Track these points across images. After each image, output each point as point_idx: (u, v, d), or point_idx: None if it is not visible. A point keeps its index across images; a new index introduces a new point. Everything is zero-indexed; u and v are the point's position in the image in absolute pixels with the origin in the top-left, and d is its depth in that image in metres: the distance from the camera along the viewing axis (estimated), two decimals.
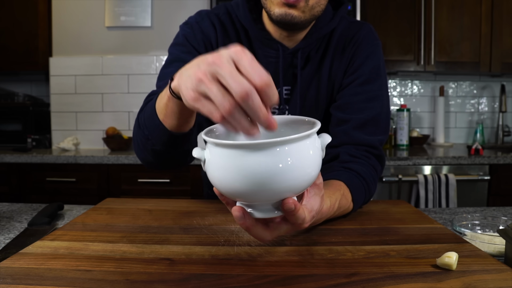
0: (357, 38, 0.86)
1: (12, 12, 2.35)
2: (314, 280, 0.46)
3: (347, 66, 0.86)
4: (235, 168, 0.42)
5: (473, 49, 2.33)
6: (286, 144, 0.41)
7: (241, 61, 0.42)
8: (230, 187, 0.43)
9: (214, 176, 0.45)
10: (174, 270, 0.49)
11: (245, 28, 0.86)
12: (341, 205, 0.68)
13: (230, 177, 0.42)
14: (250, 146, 0.41)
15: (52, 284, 0.44)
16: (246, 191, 0.43)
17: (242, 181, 0.42)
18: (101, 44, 2.51)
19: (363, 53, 0.85)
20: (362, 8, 2.21)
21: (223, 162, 0.43)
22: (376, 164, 0.82)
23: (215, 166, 0.44)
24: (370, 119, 0.82)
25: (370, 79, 0.84)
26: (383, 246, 0.58)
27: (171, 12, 2.48)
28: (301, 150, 0.43)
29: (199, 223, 0.70)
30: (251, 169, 0.41)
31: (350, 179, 0.74)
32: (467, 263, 0.51)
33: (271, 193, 0.44)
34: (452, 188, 1.95)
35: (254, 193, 0.43)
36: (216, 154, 0.43)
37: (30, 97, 2.57)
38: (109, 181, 2.09)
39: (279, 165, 0.41)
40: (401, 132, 2.46)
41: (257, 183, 0.42)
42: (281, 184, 0.43)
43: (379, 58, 0.86)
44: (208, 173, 0.46)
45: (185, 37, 0.86)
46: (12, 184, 2.10)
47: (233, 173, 0.42)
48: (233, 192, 0.44)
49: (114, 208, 0.81)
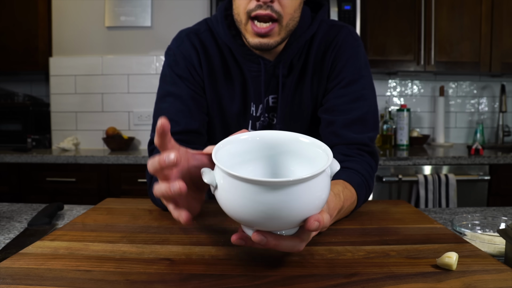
0: (336, 42, 0.87)
1: (12, 12, 2.35)
2: (314, 280, 0.46)
3: (329, 70, 0.87)
4: (249, 202, 0.41)
5: (473, 49, 2.33)
6: (303, 182, 0.41)
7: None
8: (242, 217, 0.43)
9: (226, 204, 0.44)
10: (174, 270, 0.49)
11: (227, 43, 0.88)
12: (347, 196, 0.68)
13: (243, 209, 0.42)
14: (267, 183, 0.40)
15: (52, 284, 0.44)
16: (258, 223, 0.43)
17: (255, 214, 0.42)
18: (101, 44, 2.51)
19: (343, 56, 0.86)
20: (362, 8, 2.21)
21: (237, 194, 0.42)
22: (370, 160, 0.82)
23: (227, 195, 0.43)
24: (357, 119, 0.83)
25: (352, 81, 0.85)
26: (383, 246, 0.58)
27: (171, 12, 2.48)
28: (315, 186, 0.43)
29: (199, 223, 0.70)
30: (267, 205, 0.41)
31: (349, 176, 0.75)
32: (467, 263, 0.51)
33: (286, 224, 0.44)
34: (452, 188, 1.95)
35: (268, 225, 0.43)
36: (230, 184, 0.43)
37: (30, 97, 2.57)
38: (109, 181, 2.09)
39: (294, 203, 0.41)
40: (401, 132, 2.46)
41: (271, 217, 0.42)
42: (296, 217, 0.43)
43: (360, 59, 0.86)
44: (218, 199, 0.45)
45: (170, 68, 0.89)
46: (12, 184, 2.10)
47: (247, 206, 0.42)
48: (245, 222, 0.44)
49: (114, 208, 0.81)
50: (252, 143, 0.52)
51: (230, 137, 0.51)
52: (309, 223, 0.44)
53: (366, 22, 2.29)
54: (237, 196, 0.42)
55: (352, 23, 2.16)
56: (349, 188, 0.71)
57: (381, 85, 2.65)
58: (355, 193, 0.73)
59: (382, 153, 2.16)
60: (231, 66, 0.89)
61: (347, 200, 0.68)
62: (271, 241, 0.45)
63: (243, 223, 0.45)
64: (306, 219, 0.44)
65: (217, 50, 0.88)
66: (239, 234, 0.47)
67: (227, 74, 0.89)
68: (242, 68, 0.88)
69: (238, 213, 0.43)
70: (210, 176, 0.45)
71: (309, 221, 0.44)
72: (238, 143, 0.51)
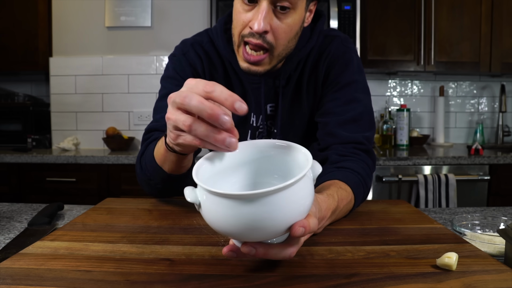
0: (328, 51, 0.88)
1: (12, 12, 2.35)
2: (314, 281, 0.46)
3: (323, 78, 0.89)
4: (231, 217, 0.42)
5: (473, 49, 2.33)
6: (282, 191, 0.41)
7: (214, 93, 0.45)
8: (228, 231, 0.44)
9: (211, 221, 0.45)
10: (174, 270, 0.49)
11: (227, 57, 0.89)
12: (342, 196, 0.68)
13: (227, 223, 0.43)
14: (245, 197, 0.40)
15: (52, 284, 0.44)
16: (244, 235, 0.43)
17: (240, 227, 0.42)
18: (101, 44, 2.51)
19: (335, 64, 0.88)
20: (362, 8, 2.21)
21: (219, 209, 0.42)
22: (366, 158, 0.83)
23: (211, 212, 0.44)
24: (351, 119, 0.84)
25: (346, 85, 0.87)
26: (383, 246, 0.58)
27: (171, 12, 2.48)
28: (296, 193, 0.42)
29: (199, 223, 0.70)
30: (249, 218, 0.41)
31: (345, 175, 0.75)
32: (467, 264, 0.51)
33: (269, 235, 0.44)
34: (452, 188, 1.95)
35: (252, 236, 0.43)
36: (212, 201, 0.43)
37: (30, 97, 2.57)
38: (109, 181, 2.09)
39: (276, 212, 0.41)
40: (401, 132, 2.46)
41: (255, 228, 0.42)
42: (280, 225, 0.43)
43: (352, 65, 0.88)
44: (204, 216, 0.46)
45: (175, 70, 0.90)
46: (12, 184, 2.10)
47: (230, 220, 0.42)
48: (231, 235, 0.45)
49: (114, 208, 0.81)
50: (232, 155, 0.52)
51: (209, 154, 0.51)
52: (294, 230, 0.43)
53: (366, 22, 2.29)
54: (219, 212, 0.42)
55: (352, 23, 2.16)
56: (344, 187, 0.71)
57: (381, 85, 2.65)
58: (351, 192, 0.73)
59: (382, 153, 2.16)
60: (232, 77, 0.91)
61: (342, 200, 0.68)
62: (260, 251, 0.45)
63: (231, 237, 0.45)
64: (291, 226, 0.43)
65: (219, 61, 0.91)
66: (230, 247, 0.47)
67: (228, 85, 0.91)
68: (242, 79, 0.90)
69: (223, 228, 0.43)
70: (192, 194, 0.45)
71: (294, 227, 0.43)
72: (217, 157, 0.51)
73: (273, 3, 0.73)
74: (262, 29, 0.73)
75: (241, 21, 0.76)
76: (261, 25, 0.72)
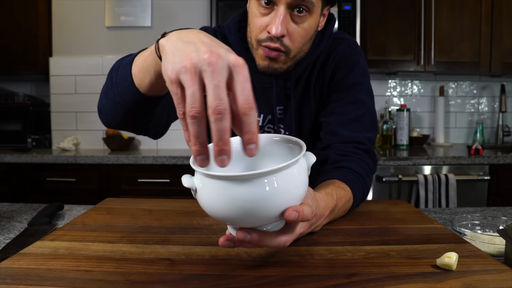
0: (335, 54, 0.89)
1: (12, 12, 2.35)
2: (314, 281, 0.46)
3: (329, 79, 0.90)
4: (226, 199, 0.43)
5: (473, 49, 2.33)
6: (274, 173, 0.42)
7: (237, 77, 0.41)
8: (223, 215, 0.44)
9: (206, 205, 0.45)
10: (174, 270, 0.49)
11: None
12: (341, 195, 0.69)
13: (222, 206, 0.43)
14: (240, 177, 0.42)
15: (52, 284, 0.44)
16: (238, 219, 0.44)
17: (234, 210, 0.43)
18: (101, 44, 2.51)
19: (341, 66, 0.88)
20: (362, 8, 2.21)
21: (214, 192, 0.43)
22: (367, 158, 0.83)
23: (206, 196, 0.45)
24: (353, 119, 0.85)
25: (350, 86, 0.87)
26: (383, 246, 0.58)
27: (171, 12, 2.48)
28: (288, 177, 0.43)
29: (199, 223, 0.70)
30: (242, 199, 0.42)
31: (344, 175, 0.75)
32: (467, 263, 0.51)
33: (263, 219, 0.45)
34: (452, 188, 1.95)
35: (246, 220, 0.44)
36: (207, 185, 0.44)
37: (30, 97, 2.57)
38: (109, 181, 2.09)
39: (269, 195, 0.42)
40: (401, 132, 2.46)
41: (249, 211, 0.43)
42: (272, 210, 0.44)
43: (358, 67, 0.89)
44: (199, 201, 0.46)
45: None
46: (12, 184, 2.10)
47: (224, 203, 0.43)
48: (226, 220, 0.45)
49: (114, 208, 0.81)
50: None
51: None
52: (287, 213, 0.44)
53: (366, 22, 2.29)
54: (214, 195, 0.43)
55: (352, 23, 2.16)
56: (343, 186, 0.72)
57: (381, 85, 2.65)
58: (350, 191, 0.73)
59: (382, 153, 2.16)
60: None
61: (341, 199, 0.68)
62: (255, 237, 0.46)
63: (225, 221, 0.46)
64: (284, 211, 0.44)
65: None
66: (225, 236, 0.48)
67: None
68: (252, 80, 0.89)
69: (218, 212, 0.44)
70: (189, 181, 0.46)
71: (287, 211, 0.44)
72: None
73: (290, 7, 0.74)
74: (280, 34, 0.74)
75: (258, 25, 0.77)
76: (278, 29, 0.73)
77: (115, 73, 0.68)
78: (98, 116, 0.76)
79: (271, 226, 0.49)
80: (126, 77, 0.64)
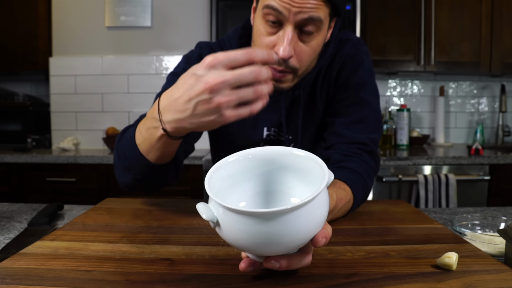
0: (340, 54, 0.88)
1: (12, 12, 2.35)
2: (314, 280, 0.46)
3: (334, 79, 0.89)
4: (248, 234, 0.41)
5: (473, 49, 2.33)
6: (303, 206, 0.41)
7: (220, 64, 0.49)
8: (248, 248, 0.43)
9: (230, 238, 0.44)
10: (174, 270, 0.49)
11: None
12: (341, 196, 0.68)
13: (248, 241, 0.42)
14: (262, 215, 0.40)
15: (52, 284, 0.44)
16: (265, 251, 0.43)
17: (261, 244, 0.41)
18: (101, 44, 2.51)
19: (347, 66, 0.87)
20: (362, 8, 2.21)
21: (237, 227, 0.41)
22: (369, 159, 0.82)
23: (229, 229, 0.43)
24: (357, 120, 0.84)
25: (355, 86, 0.86)
26: (383, 246, 0.58)
27: (171, 12, 2.48)
28: (316, 206, 0.42)
29: (199, 223, 0.70)
30: (269, 234, 0.40)
31: (345, 175, 0.75)
32: (467, 263, 0.51)
33: (291, 248, 0.43)
34: (452, 188, 1.95)
35: (272, 250, 0.43)
36: (229, 218, 0.42)
37: (30, 97, 2.57)
38: (109, 181, 2.09)
39: (297, 227, 0.41)
40: (401, 132, 2.46)
41: (276, 243, 0.41)
42: (300, 240, 0.43)
43: (363, 68, 0.88)
44: (221, 234, 0.45)
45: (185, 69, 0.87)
46: (12, 184, 2.10)
47: (246, 237, 0.41)
48: (252, 251, 0.44)
49: (114, 208, 0.81)
50: (244, 162, 0.51)
51: (219, 162, 0.50)
52: (318, 242, 0.43)
53: (366, 22, 2.29)
54: (239, 229, 0.41)
55: (352, 23, 2.16)
56: (344, 187, 0.71)
57: (381, 85, 2.65)
58: (350, 192, 0.73)
59: (382, 153, 2.16)
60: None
61: (340, 200, 0.68)
62: (284, 263, 0.44)
63: (250, 252, 0.45)
64: (313, 238, 0.44)
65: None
66: (247, 261, 0.46)
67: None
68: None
69: (245, 245, 0.43)
70: (208, 212, 0.43)
71: (317, 239, 0.43)
72: (227, 165, 0.50)
73: (298, 27, 0.72)
74: (288, 55, 0.71)
75: (264, 44, 0.74)
76: (286, 51, 0.70)
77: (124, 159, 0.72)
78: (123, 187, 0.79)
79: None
80: (140, 157, 0.68)
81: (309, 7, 0.69)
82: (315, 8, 0.69)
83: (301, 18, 0.69)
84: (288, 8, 0.69)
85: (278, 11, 0.69)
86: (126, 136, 0.72)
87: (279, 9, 0.69)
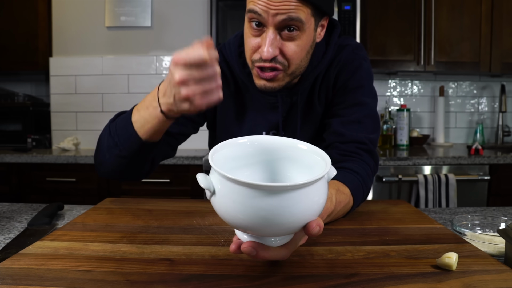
0: (338, 59, 0.89)
1: (12, 12, 2.35)
2: (314, 281, 0.46)
3: (332, 83, 0.90)
4: (249, 207, 0.41)
5: (473, 49, 2.33)
6: (304, 187, 0.41)
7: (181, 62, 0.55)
8: (241, 223, 0.42)
9: (224, 210, 0.43)
10: (174, 270, 0.49)
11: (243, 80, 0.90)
12: (340, 199, 0.68)
13: (243, 214, 0.41)
14: (268, 188, 0.40)
15: (52, 284, 0.44)
16: (258, 229, 0.43)
17: (255, 220, 0.41)
18: (101, 44, 2.51)
19: (345, 71, 0.88)
20: (362, 8, 2.21)
21: (236, 198, 0.41)
22: (368, 159, 0.83)
23: (225, 200, 0.42)
24: (354, 120, 0.85)
25: (353, 89, 0.87)
26: (383, 246, 0.58)
27: (171, 12, 2.48)
28: (316, 191, 0.43)
29: (199, 223, 0.70)
30: (268, 210, 0.40)
31: (344, 176, 0.75)
32: (467, 264, 0.51)
33: (284, 230, 0.43)
34: (452, 188, 1.95)
35: (267, 230, 0.43)
36: (228, 189, 0.42)
37: (30, 97, 2.57)
38: (109, 181, 2.09)
39: (296, 207, 0.41)
40: (401, 132, 2.46)
41: (271, 223, 0.41)
42: (295, 222, 0.42)
43: (361, 71, 0.88)
44: (215, 204, 0.44)
45: None
46: (12, 184, 2.10)
47: (246, 211, 0.41)
48: (245, 228, 0.43)
49: (114, 208, 0.81)
50: (250, 147, 0.52)
51: (228, 140, 0.51)
52: (311, 228, 0.43)
53: (366, 22, 2.29)
54: (236, 201, 0.41)
55: (352, 23, 2.16)
56: (343, 189, 0.71)
57: (381, 85, 2.65)
58: (349, 194, 0.73)
59: (382, 153, 2.16)
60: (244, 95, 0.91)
61: (340, 203, 0.68)
62: (261, 253, 0.45)
63: (242, 228, 0.44)
64: (307, 224, 0.44)
65: (232, 79, 0.91)
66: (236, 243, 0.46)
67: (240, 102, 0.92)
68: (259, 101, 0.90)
69: (237, 218, 0.42)
70: (206, 181, 0.43)
71: (311, 225, 0.44)
72: (235, 146, 0.51)
73: (279, 28, 0.74)
74: (271, 56, 0.74)
75: (251, 45, 0.78)
76: (269, 52, 0.74)
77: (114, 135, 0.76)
78: (96, 168, 0.84)
79: (279, 239, 0.48)
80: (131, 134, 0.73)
81: (286, 8, 0.71)
82: (293, 9, 0.71)
83: (280, 19, 0.72)
84: (266, 10, 0.72)
85: (258, 13, 0.73)
86: (121, 116, 0.78)
87: (259, 12, 0.72)
